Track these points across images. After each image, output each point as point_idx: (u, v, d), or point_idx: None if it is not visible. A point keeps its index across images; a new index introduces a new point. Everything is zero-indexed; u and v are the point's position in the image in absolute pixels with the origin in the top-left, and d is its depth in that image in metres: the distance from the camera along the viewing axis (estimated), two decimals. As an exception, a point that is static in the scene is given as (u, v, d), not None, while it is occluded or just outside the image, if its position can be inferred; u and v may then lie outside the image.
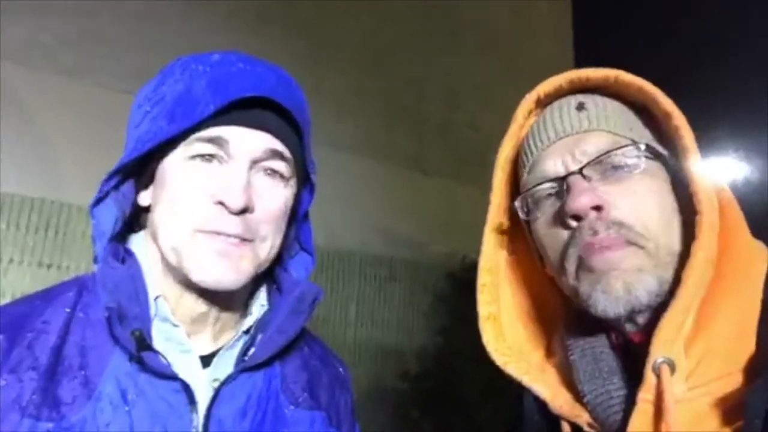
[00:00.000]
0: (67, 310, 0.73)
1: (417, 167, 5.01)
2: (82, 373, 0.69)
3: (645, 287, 0.66)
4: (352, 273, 4.54)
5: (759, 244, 0.71)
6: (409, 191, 4.87)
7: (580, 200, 0.67)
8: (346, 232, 4.30)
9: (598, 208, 0.67)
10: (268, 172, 0.75)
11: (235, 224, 0.71)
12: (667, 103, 0.71)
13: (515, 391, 0.80)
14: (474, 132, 5.14)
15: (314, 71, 4.25)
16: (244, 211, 0.71)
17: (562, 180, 0.71)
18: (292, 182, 0.79)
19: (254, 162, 0.74)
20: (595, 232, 0.67)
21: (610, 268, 0.66)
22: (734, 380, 0.62)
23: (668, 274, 0.67)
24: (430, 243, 4.87)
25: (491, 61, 5.47)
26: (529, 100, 0.80)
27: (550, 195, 0.74)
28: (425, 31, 5.19)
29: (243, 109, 0.72)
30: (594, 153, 0.70)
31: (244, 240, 0.72)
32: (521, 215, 0.77)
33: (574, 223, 0.69)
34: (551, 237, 0.73)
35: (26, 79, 3.44)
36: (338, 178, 4.04)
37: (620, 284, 0.66)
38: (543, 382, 0.76)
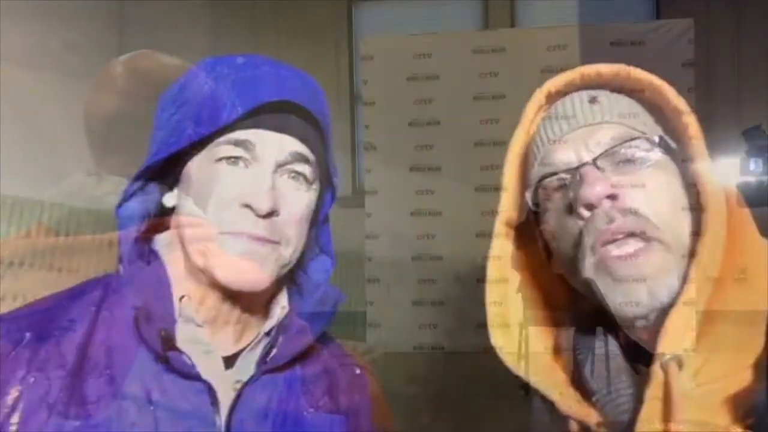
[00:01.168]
0: (93, 308, 0.73)
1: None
2: (107, 372, 0.69)
3: (668, 287, 0.66)
4: (354, 276, 4.52)
5: (765, 242, 0.71)
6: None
7: (595, 189, 0.67)
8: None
9: (612, 198, 0.67)
10: (293, 175, 0.76)
11: (262, 227, 0.72)
12: (677, 100, 0.71)
13: (524, 390, 0.80)
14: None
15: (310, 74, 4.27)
16: (270, 214, 0.72)
17: (574, 170, 0.71)
18: (315, 185, 0.79)
19: (279, 165, 0.74)
20: (611, 220, 0.66)
21: (635, 276, 0.66)
22: (743, 377, 0.62)
23: (684, 269, 0.67)
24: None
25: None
26: (539, 95, 0.80)
27: (561, 186, 0.73)
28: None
29: (268, 113, 0.73)
30: (608, 144, 0.70)
31: (269, 241, 0.73)
32: (531, 207, 0.76)
33: (586, 213, 0.68)
34: (562, 229, 0.72)
35: (30, 82, 3.45)
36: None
37: (644, 291, 0.66)
38: (551, 382, 0.76)
